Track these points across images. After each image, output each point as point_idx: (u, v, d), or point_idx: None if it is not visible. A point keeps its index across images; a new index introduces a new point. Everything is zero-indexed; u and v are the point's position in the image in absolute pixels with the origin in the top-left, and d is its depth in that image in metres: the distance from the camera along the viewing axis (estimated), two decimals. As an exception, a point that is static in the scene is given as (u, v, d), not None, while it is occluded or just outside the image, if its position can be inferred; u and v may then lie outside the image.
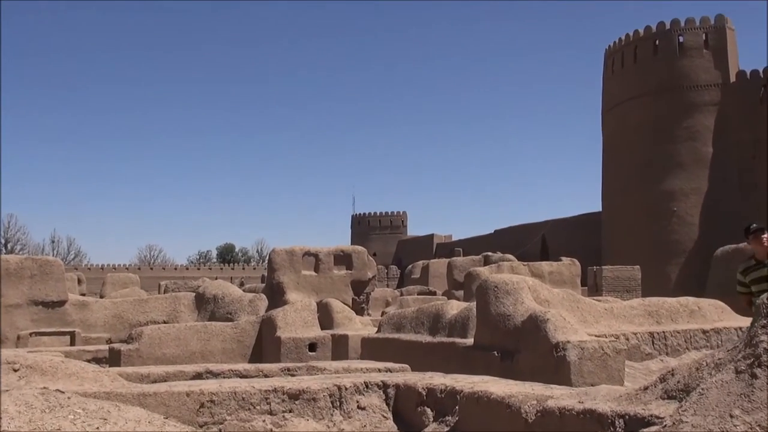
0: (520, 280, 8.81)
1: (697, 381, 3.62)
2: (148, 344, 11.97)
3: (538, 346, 7.49)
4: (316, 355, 12.11)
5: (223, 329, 12.78)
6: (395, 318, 11.58)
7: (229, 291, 15.35)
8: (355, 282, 19.53)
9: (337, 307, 14.78)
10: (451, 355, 9.13)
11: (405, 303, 22.96)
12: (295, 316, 12.69)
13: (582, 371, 7.09)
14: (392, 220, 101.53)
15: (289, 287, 18.40)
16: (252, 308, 14.40)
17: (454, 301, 11.29)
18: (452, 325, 9.94)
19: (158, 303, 15.84)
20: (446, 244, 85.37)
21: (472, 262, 27.31)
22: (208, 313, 15.10)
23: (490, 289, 8.63)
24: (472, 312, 9.54)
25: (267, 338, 12.67)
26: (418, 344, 10.10)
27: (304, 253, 19.12)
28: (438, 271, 35.70)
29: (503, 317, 8.28)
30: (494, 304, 8.46)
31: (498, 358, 8.03)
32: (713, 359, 3.66)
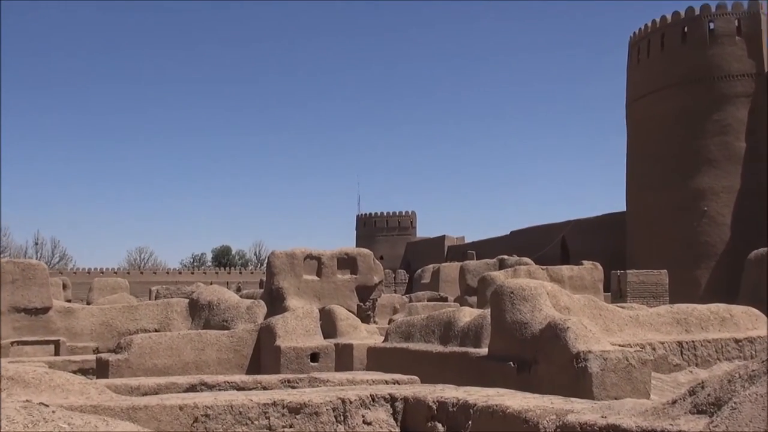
0: (538, 285, 8.80)
1: (729, 394, 3.61)
2: (138, 354, 11.99)
3: (558, 356, 7.48)
4: (318, 366, 12.11)
5: (219, 338, 12.80)
6: (403, 326, 11.58)
7: (225, 297, 15.36)
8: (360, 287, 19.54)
9: (341, 315, 14.78)
10: (463, 366, 9.13)
11: (414, 310, 22.96)
12: (295, 324, 12.70)
13: (605, 383, 7.08)
14: (400, 220, 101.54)
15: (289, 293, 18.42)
16: (250, 315, 14.41)
17: (466, 308, 11.28)
18: (465, 333, 9.93)
19: (149, 310, 15.86)
20: (458, 246, 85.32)
21: (486, 266, 27.30)
22: (202, 320, 15.11)
23: (505, 294, 8.62)
24: (486, 319, 9.53)
25: (266, 348, 12.68)
26: (429, 354, 10.09)
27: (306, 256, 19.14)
28: (449, 276, 35.68)
29: (520, 325, 8.27)
30: (510, 311, 8.45)
31: (514, 369, 8.02)
32: (747, 371, 3.64)
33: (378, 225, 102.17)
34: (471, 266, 27.56)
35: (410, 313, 21.90)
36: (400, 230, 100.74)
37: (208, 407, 5.91)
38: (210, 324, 14.76)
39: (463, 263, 29.20)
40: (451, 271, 35.98)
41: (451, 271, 35.98)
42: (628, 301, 32.20)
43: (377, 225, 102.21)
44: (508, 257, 28.69)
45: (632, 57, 56.32)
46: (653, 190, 52.00)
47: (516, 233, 75.05)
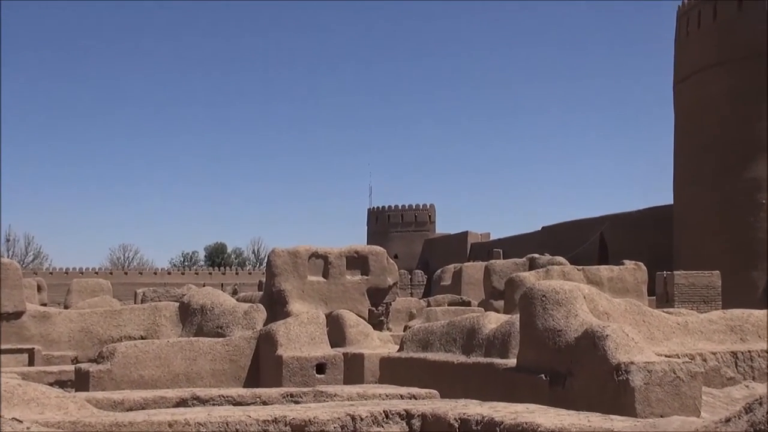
0: (574, 287, 8.79)
1: (790, 411, 3.60)
2: (123, 364, 12.03)
3: (596, 367, 7.47)
4: (324, 378, 12.13)
5: (213, 346, 12.83)
6: (421, 333, 11.58)
7: (219, 300, 15.39)
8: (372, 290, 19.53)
9: (351, 321, 14.79)
10: (488, 379, 9.12)
11: (433, 315, 22.96)
12: (299, 331, 12.71)
13: (649, 399, 7.07)
14: (417, 214, 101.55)
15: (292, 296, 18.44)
16: (247, 321, 14.43)
17: (492, 313, 11.28)
18: (490, 342, 9.93)
19: (134, 315, 15.91)
20: (483, 244, 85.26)
21: (514, 265, 27.26)
22: (194, 326, 15.15)
23: (536, 298, 8.61)
24: (514, 326, 9.52)
25: (265, 357, 12.70)
26: (449, 365, 10.10)
27: (311, 255, 19.13)
28: (473, 277, 35.63)
29: (553, 333, 8.26)
30: (542, 317, 8.45)
31: (546, 382, 8.02)
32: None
33: (392, 220, 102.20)
34: (497, 266, 27.52)
35: (428, 319, 21.90)
36: (416, 226, 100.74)
37: (200, 424, 5.92)
38: (203, 331, 14.79)
39: (489, 263, 29.15)
40: (474, 271, 35.92)
41: (474, 271, 35.92)
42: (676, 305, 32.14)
43: (391, 220, 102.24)
44: (539, 256, 28.64)
45: (680, 30, 56.03)
46: (704, 180, 51.78)
47: (548, 229, 74.93)
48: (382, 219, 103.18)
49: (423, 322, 20.72)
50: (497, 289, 25.89)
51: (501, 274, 26.16)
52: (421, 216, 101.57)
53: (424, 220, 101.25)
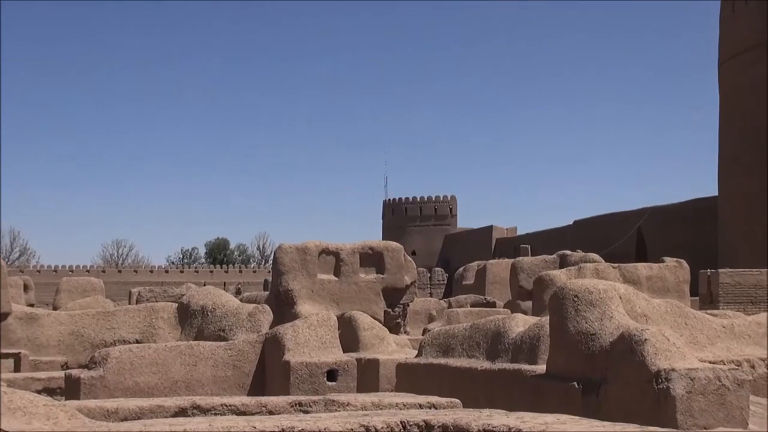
0: (609, 287, 8.76)
1: None
2: (116, 370, 12.07)
3: (633, 375, 7.45)
4: (336, 386, 12.14)
5: (215, 351, 12.85)
6: (441, 337, 11.57)
7: (221, 301, 15.42)
8: (388, 289, 19.55)
9: (365, 323, 14.79)
10: (515, 387, 9.11)
11: (454, 317, 22.96)
12: (308, 334, 12.72)
13: (691, 409, 7.04)
14: (437, 207, 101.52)
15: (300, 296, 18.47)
16: (252, 323, 14.46)
17: (519, 315, 11.26)
18: (517, 346, 9.92)
19: (129, 316, 15.96)
20: (509, 239, 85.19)
21: (544, 263, 27.22)
22: (194, 329, 15.18)
23: (568, 299, 8.59)
24: (544, 329, 9.51)
25: (272, 363, 12.72)
26: (472, 372, 10.09)
27: (321, 251, 19.15)
28: (498, 276, 35.61)
29: (586, 337, 8.24)
30: (574, 319, 8.43)
31: (578, 390, 8.00)
32: None
33: (410, 213, 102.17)
34: (525, 264, 27.47)
35: (450, 322, 21.90)
36: (436, 219, 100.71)
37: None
38: (203, 334, 14.82)
39: (515, 260, 29.11)
40: (499, 269, 35.88)
41: (499, 269, 35.88)
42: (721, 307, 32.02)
43: (408, 213, 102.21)
44: (571, 253, 28.55)
45: (725, 5, 55.75)
46: (751, 170, 51.53)
47: (581, 223, 74.82)
48: (398, 212, 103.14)
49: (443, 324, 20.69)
50: (525, 288, 25.86)
51: (529, 273, 26.11)
52: (442, 209, 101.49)
53: (445, 213, 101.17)
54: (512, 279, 27.78)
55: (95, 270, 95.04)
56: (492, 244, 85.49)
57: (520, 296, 26.17)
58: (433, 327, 18.53)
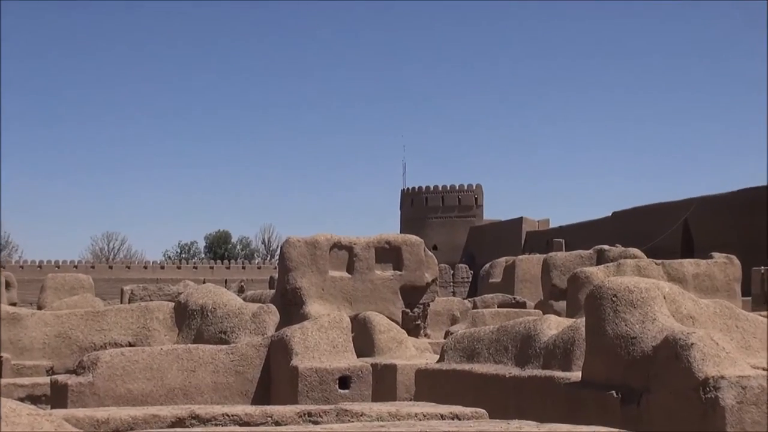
0: (652, 285, 8.75)
1: None
2: (107, 376, 12.11)
3: (678, 382, 7.44)
4: (349, 394, 12.16)
5: (215, 355, 12.88)
6: (466, 341, 11.58)
7: (223, 300, 15.46)
8: (406, 288, 19.54)
9: (381, 325, 14.80)
10: (547, 396, 9.11)
11: (480, 319, 22.94)
12: (319, 337, 12.74)
13: (742, 421, 7.03)
14: (461, 197, 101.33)
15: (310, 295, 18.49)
16: (256, 325, 14.49)
17: (552, 316, 11.25)
18: (550, 351, 9.91)
19: (121, 317, 16.00)
20: (541, 232, 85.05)
21: (579, 259, 27.21)
22: (192, 331, 15.22)
23: (606, 299, 8.58)
24: (579, 332, 9.50)
25: (278, 369, 12.74)
26: (500, 379, 10.09)
27: (333, 245, 19.16)
28: (529, 273, 35.58)
29: (626, 340, 8.23)
30: (612, 322, 8.42)
31: (617, 400, 8.00)
32: None
33: (430, 203, 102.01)
34: (558, 260, 27.47)
35: (475, 324, 21.87)
36: (460, 210, 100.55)
37: (200, 448, 5.96)
38: (203, 336, 14.86)
39: (548, 256, 29.10)
40: (530, 266, 35.85)
41: (530, 266, 35.85)
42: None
43: (429, 203, 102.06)
44: (609, 248, 28.53)
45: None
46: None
47: (620, 215, 74.59)
48: (418, 202, 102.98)
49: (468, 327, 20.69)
50: (558, 287, 25.85)
51: (563, 270, 26.11)
52: (466, 198, 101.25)
53: (470, 204, 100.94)
54: (544, 276, 27.77)
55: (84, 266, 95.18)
56: (522, 238, 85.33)
57: (553, 296, 26.17)
58: (457, 329, 18.53)
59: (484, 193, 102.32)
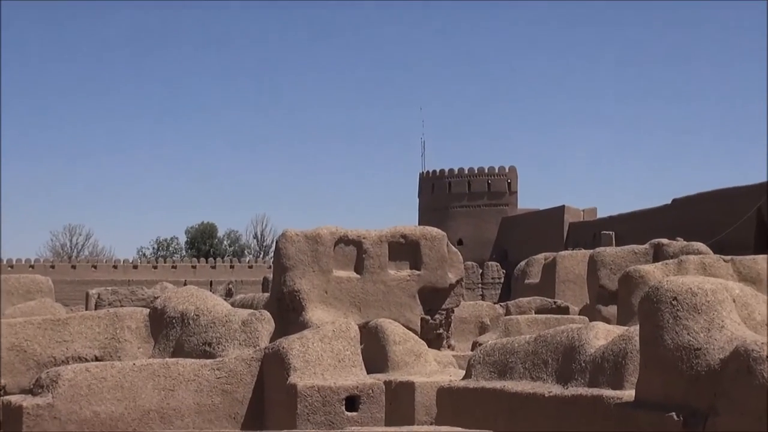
0: (719, 287, 8.73)
1: None
2: (69, 396, 12.13)
3: (750, 402, 7.44)
4: (358, 417, 12.18)
5: (198, 371, 12.91)
6: (497, 353, 11.58)
7: (207, 305, 15.47)
8: (426, 290, 19.54)
9: (396, 335, 14.81)
10: (594, 418, 9.12)
11: (514, 327, 22.92)
12: (321, 350, 12.76)
13: (828, 448, 7.02)
14: (491, 181, 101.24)
15: (311, 299, 18.50)
16: (247, 335, 14.50)
17: (600, 324, 11.24)
18: (597, 365, 9.91)
19: (86, 326, 16.03)
20: (586, 224, 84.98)
21: (632, 255, 27.17)
22: (171, 343, 15.25)
23: (664, 302, 8.57)
24: (632, 343, 9.49)
25: (273, 387, 12.77)
26: (538, 399, 10.09)
27: (338, 240, 19.17)
28: (572, 272, 35.56)
29: (688, 352, 8.22)
30: (672, 330, 8.41)
31: (679, 422, 7.99)
32: None
33: (454, 189, 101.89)
34: (607, 256, 27.43)
35: (507, 333, 21.87)
36: (490, 197, 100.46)
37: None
38: (183, 349, 14.88)
39: (595, 251, 29.07)
40: (574, 264, 35.83)
41: (574, 264, 35.83)
42: None
43: (453, 189, 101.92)
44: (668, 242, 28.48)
45: None
46: None
47: (681, 203, 74.48)
48: (440, 188, 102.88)
49: (499, 337, 20.70)
50: (607, 289, 25.82)
51: (613, 268, 26.08)
52: (497, 184, 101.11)
53: (501, 190, 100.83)
54: (590, 276, 27.74)
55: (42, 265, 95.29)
56: (564, 231, 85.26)
57: (601, 299, 26.13)
58: (486, 340, 18.53)
59: (518, 177, 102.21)
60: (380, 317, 16.76)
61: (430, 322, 19.57)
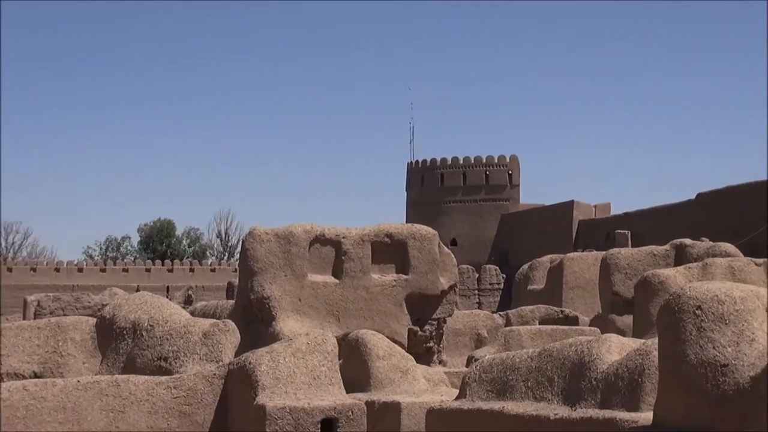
0: (750, 294, 8.74)
1: None
2: (4, 419, 12.12)
3: (786, 427, 7.45)
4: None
5: (153, 390, 12.91)
6: (495, 370, 11.60)
7: (163, 314, 15.48)
8: (415, 298, 19.56)
9: (380, 348, 14.82)
10: (607, 445, 9.12)
11: (515, 340, 22.96)
12: (294, 365, 12.77)
13: None
14: (490, 173, 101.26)
15: (282, 307, 18.50)
16: (209, 348, 14.52)
17: (614, 336, 11.25)
18: (610, 384, 9.93)
19: (23, 338, 16.02)
20: (598, 222, 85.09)
21: (651, 257, 27.24)
22: (121, 357, 15.25)
23: (687, 312, 8.58)
24: (649, 358, 9.51)
25: (238, 408, 12.78)
26: (542, 422, 10.11)
27: (314, 239, 19.17)
28: (581, 276, 35.61)
29: (714, 369, 8.24)
30: (696, 343, 8.42)
31: (703, 450, 8.00)
32: None
33: (448, 182, 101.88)
34: (622, 259, 27.49)
35: (508, 347, 21.90)
36: (488, 191, 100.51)
37: None
38: (135, 364, 14.88)
39: (608, 253, 29.11)
40: (584, 267, 35.88)
41: (584, 267, 35.88)
42: None
43: (446, 181, 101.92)
44: (692, 242, 28.56)
45: None
46: None
47: (707, 198, 74.53)
48: (431, 180, 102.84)
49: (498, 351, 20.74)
50: (622, 296, 25.87)
51: (628, 272, 26.14)
52: (497, 176, 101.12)
53: (501, 183, 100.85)
54: (603, 282, 27.80)
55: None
56: (573, 229, 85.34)
57: (615, 308, 26.19)
58: (483, 354, 18.56)
59: (520, 168, 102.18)
60: (361, 328, 16.77)
61: (419, 334, 19.59)
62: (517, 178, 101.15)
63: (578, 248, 63.49)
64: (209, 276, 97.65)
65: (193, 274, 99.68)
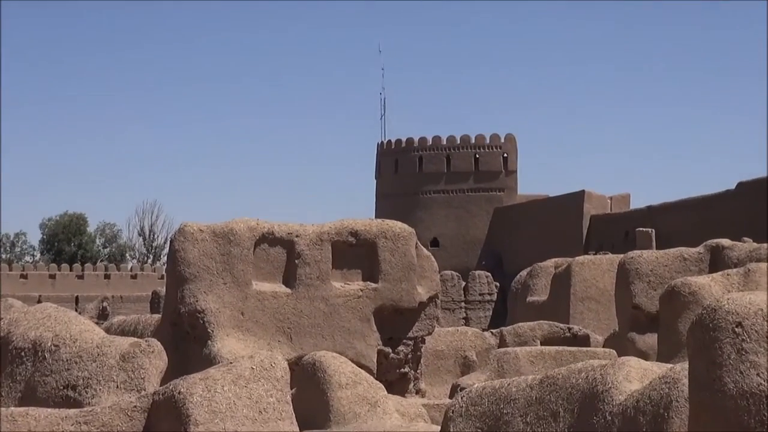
0: (802, 308, 8.78)
1: None
2: None
3: None
4: (287, 493, 12.23)
5: (58, 426, 12.92)
6: (486, 401, 11.64)
7: (71, 332, 15.50)
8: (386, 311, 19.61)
9: (342, 374, 14.86)
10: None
11: (511, 364, 23.04)
12: (235, 396, 12.80)
13: None
14: (480, 156, 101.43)
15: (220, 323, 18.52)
16: (128, 374, 14.54)
17: (632, 360, 11.29)
18: (630, 418, 9.97)
19: None
20: (615, 217, 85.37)
21: (680, 261, 27.33)
22: (18, 385, 15.26)
23: (724, 330, 8.61)
24: (678, 387, 9.55)
25: (166, 449, 12.79)
26: (544, 467, 10.15)
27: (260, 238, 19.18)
28: (594, 286, 35.73)
29: (757, 399, 8.27)
30: (734, 369, 8.45)
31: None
32: None
33: (428, 166, 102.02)
34: (645, 264, 27.57)
35: (502, 373, 21.97)
36: (478, 179, 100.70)
37: None
38: (36, 394, 14.89)
39: (627, 257, 29.19)
40: (596, 274, 36.00)
41: (596, 274, 36.00)
42: None
43: (426, 166, 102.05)
44: (730, 243, 28.65)
45: None
46: None
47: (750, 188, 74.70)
48: (407, 165, 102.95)
49: (490, 377, 20.80)
50: (644, 309, 25.96)
51: (652, 280, 26.23)
52: (489, 159, 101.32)
53: (495, 168, 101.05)
54: (619, 291, 27.88)
55: None
56: (583, 227, 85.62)
57: (636, 325, 26.29)
58: (471, 382, 18.62)
59: (518, 151, 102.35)
60: (319, 349, 16.81)
61: (391, 357, 19.63)
62: (513, 163, 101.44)
63: (590, 250, 63.74)
64: (129, 284, 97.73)
65: (109, 281, 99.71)
